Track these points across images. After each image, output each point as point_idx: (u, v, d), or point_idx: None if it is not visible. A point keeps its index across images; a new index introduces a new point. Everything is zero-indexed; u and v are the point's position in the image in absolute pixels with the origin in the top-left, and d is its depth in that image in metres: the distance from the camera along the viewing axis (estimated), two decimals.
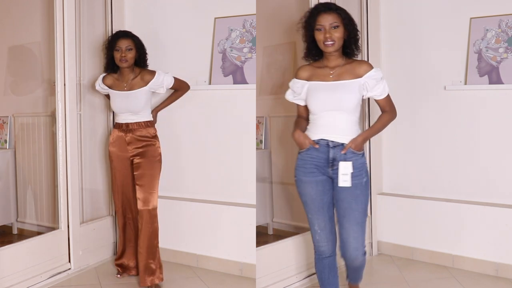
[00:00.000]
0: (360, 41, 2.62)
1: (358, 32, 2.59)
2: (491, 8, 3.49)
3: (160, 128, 3.75)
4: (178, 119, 3.76)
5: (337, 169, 2.49)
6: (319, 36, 2.50)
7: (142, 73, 3.36)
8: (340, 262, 2.74)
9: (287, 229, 4.04)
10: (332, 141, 2.51)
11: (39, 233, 3.63)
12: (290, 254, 3.36)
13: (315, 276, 3.41)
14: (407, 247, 3.82)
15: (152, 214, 3.28)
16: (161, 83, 3.36)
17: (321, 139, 2.53)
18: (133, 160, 3.33)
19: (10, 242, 3.39)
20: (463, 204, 3.58)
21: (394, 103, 2.65)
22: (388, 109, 2.61)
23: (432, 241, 3.70)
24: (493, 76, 3.48)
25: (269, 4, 3.98)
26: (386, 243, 3.90)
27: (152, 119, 3.43)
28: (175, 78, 3.42)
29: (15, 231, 4.18)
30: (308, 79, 2.60)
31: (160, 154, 3.35)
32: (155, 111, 3.50)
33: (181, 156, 3.77)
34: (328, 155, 2.52)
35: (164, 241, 3.77)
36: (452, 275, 3.48)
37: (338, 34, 2.48)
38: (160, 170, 3.34)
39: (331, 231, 2.63)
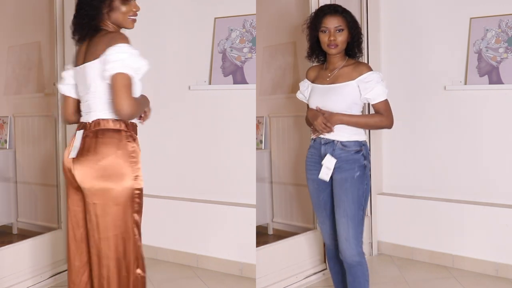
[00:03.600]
0: (362, 44, 2.61)
1: (362, 36, 2.60)
2: (491, 8, 3.49)
3: (160, 128, 3.75)
4: (178, 119, 3.76)
5: None
6: (323, 38, 2.53)
7: (110, 35, 2.13)
8: None
9: (287, 229, 4.04)
10: (324, 138, 2.53)
11: (39, 233, 3.63)
12: (290, 254, 3.36)
13: (314, 276, 3.43)
14: (407, 247, 3.82)
15: None
16: (113, 64, 2.03)
17: (317, 137, 2.58)
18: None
19: (10, 242, 3.39)
20: (463, 204, 3.58)
21: (395, 103, 2.59)
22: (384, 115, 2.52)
23: (432, 241, 3.70)
24: (493, 76, 3.48)
25: (269, 4, 3.98)
26: (386, 243, 3.89)
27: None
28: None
29: (15, 231, 4.18)
30: (313, 81, 2.66)
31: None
32: None
33: (181, 156, 3.77)
34: (320, 151, 2.55)
35: (164, 241, 3.77)
36: (452, 275, 3.48)
37: (342, 38, 2.50)
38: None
39: (328, 232, 2.67)
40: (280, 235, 3.91)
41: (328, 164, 2.49)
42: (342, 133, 2.50)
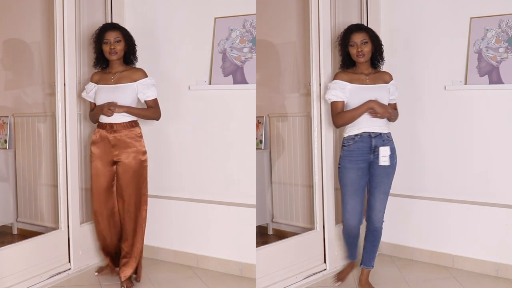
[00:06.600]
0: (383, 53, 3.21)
1: (383, 46, 3.18)
2: (491, 8, 3.49)
3: (160, 128, 3.75)
4: (178, 119, 3.76)
5: (377, 153, 3.10)
6: (352, 51, 3.12)
7: (132, 70, 3.33)
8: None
9: (287, 229, 4.04)
10: (373, 132, 3.08)
11: (39, 233, 3.63)
12: (290, 254, 3.36)
13: (314, 276, 3.44)
14: (407, 247, 3.82)
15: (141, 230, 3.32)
16: (147, 88, 3.29)
17: (364, 131, 3.08)
18: (117, 162, 3.27)
19: (10, 242, 3.39)
20: (463, 204, 3.58)
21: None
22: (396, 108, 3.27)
23: (432, 241, 3.70)
24: (493, 76, 3.48)
25: (269, 4, 3.97)
26: (386, 243, 3.89)
27: (136, 118, 3.32)
28: (156, 99, 3.36)
29: (15, 231, 4.18)
30: (349, 82, 3.13)
31: (146, 157, 3.31)
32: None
33: (181, 156, 3.77)
34: (371, 144, 3.08)
35: (164, 241, 3.78)
36: (452, 275, 3.48)
37: (367, 49, 3.11)
38: (147, 172, 3.32)
39: (360, 211, 3.17)
40: (280, 235, 3.91)
41: (386, 153, 3.10)
42: (385, 127, 3.13)
